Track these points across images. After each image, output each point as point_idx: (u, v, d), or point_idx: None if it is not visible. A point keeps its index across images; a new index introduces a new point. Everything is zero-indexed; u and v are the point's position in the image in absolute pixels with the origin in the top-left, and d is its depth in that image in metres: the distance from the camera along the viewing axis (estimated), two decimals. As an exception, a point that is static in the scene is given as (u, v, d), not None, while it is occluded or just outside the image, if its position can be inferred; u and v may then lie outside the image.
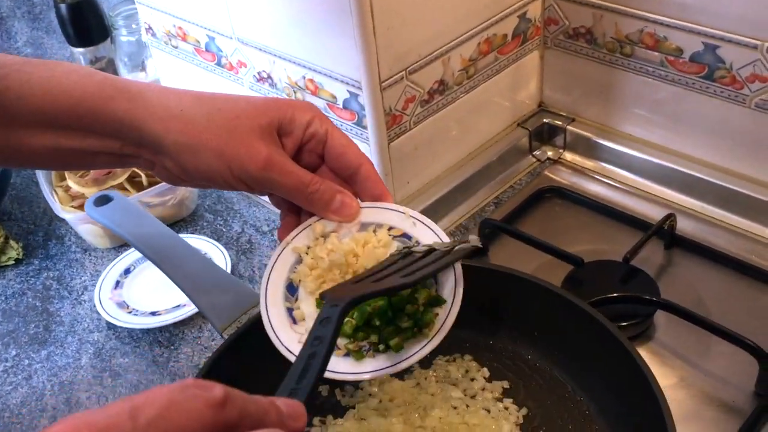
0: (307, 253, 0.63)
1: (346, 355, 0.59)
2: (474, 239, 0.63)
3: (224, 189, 0.65)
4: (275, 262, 0.64)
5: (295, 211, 0.67)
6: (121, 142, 0.62)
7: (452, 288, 0.59)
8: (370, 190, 0.64)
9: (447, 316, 0.58)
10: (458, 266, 0.60)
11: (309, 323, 0.60)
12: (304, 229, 0.65)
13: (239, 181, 0.61)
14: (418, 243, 0.63)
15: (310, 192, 0.62)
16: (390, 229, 0.64)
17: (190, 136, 0.60)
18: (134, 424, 0.28)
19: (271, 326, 0.60)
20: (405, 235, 0.64)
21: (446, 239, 0.63)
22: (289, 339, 0.59)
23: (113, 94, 0.60)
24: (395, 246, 0.63)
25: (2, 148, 0.61)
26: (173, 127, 0.60)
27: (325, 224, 0.64)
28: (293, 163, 0.62)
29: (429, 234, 0.63)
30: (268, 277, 0.63)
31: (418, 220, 0.64)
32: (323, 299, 0.55)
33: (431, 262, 0.59)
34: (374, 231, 0.64)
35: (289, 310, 0.61)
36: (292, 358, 0.58)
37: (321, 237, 0.64)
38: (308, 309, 0.61)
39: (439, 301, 0.59)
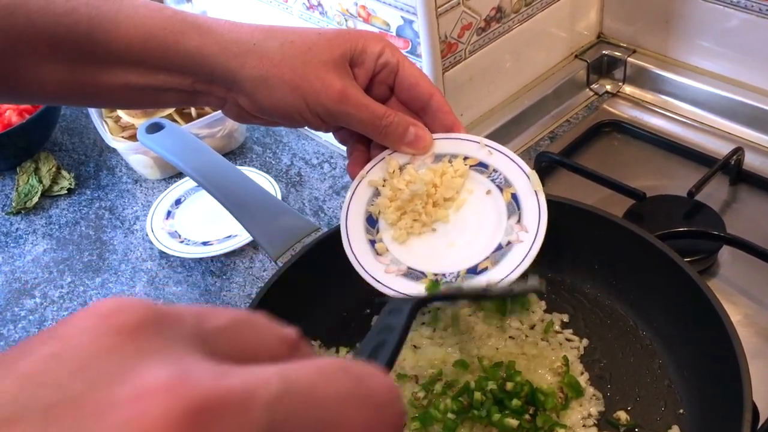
0: (384, 186, 0.62)
1: (406, 275, 0.58)
2: (535, 283, 0.54)
3: (296, 125, 0.63)
4: (352, 196, 0.63)
5: (364, 145, 0.65)
6: (193, 78, 0.60)
7: (536, 219, 0.58)
8: (442, 120, 0.63)
9: (530, 249, 0.57)
10: (542, 197, 0.59)
11: (394, 253, 0.60)
12: (378, 162, 0.64)
13: (315, 116, 0.60)
14: (495, 171, 0.61)
15: (385, 125, 0.61)
16: (465, 158, 0.62)
17: (265, 70, 0.58)
18: (199, 326, 0.24)
19: (356, 258, 0.60)
20: (481, 164, 0.62)
21: (525, 166, 0.61)
22: (375, 269, 0.59)
23: (184, 29, 0.59)
24: (472, 175, 0.62)
25: (71, 85, 0.60)
26: (248, 62, 0.58)
27: (398, 157, 0.63)
28: (366, 96, 0.61)
29: (505, 161, 0.61)
30: (347, 211, 0.63)
31: (493, 148, 0.62)
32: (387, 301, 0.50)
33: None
34: (449, 161, 0.62)
35: (371, 242, 0.61)
36: (381, 288, 0.58)
37: (397, 170, 0.62)
38: (391, 240, 0.61)
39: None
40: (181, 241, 0.94)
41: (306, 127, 0.65)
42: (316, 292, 0.75)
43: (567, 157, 0.93)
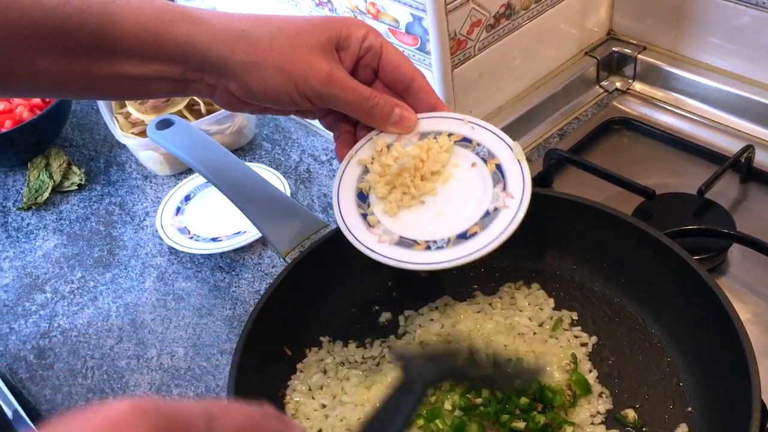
0: (372, 163, 0.65)
1: (399, 243, 0.61)
2: (535, 372, 0.63)
3: (286, 109, 0.66)
4: (342, 174, 0.66)
5: (351, 127, 0.68)
6: (184, 66, 0.61)
7: (520, 185, 0.60)
8: (425, 101, 0.65)
9: (516, 213, 0.59)
10: (525, 165, 0.61)
11: (385, 225, 0.63)
12: (365, 143, 0.66)
13: (303, 98, 0.61)
14: (478, 144, 0.64)
15: (371, 106, 0.63)
16: (450, 135, 0.65)
17: (255, 54, 0.60)
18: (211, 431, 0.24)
19: (350, 231, 0.62)
20: (465, 139, 0.65)
21: (507, 138, 0.63)
22: (368, 240, 0.62)
23: (174, 18, 0.60)
24: (457, 150, 0.64)
25: (65, 77, 0.61)
26: (238, 48, 0.60)
27: (385, 137, 0.66)
28: (353, 79, 0.63)
29: (488, 136, 0.64)
30: (338, 189, 0.65)
31: (476, 123, 0.65)
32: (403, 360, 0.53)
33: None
34: (435, 138, 0.65)
35: (363, 216, 0.63)
36: (375, 257, 0.61)
37: (384, 148, 0.65)
38: (381, 213, 0.64)
39: None
40: (191, 237, 0.94)
41: (294, 114, 0.67)
42: (325, 288, 0.75)
43: (576, 155, 0.92)
